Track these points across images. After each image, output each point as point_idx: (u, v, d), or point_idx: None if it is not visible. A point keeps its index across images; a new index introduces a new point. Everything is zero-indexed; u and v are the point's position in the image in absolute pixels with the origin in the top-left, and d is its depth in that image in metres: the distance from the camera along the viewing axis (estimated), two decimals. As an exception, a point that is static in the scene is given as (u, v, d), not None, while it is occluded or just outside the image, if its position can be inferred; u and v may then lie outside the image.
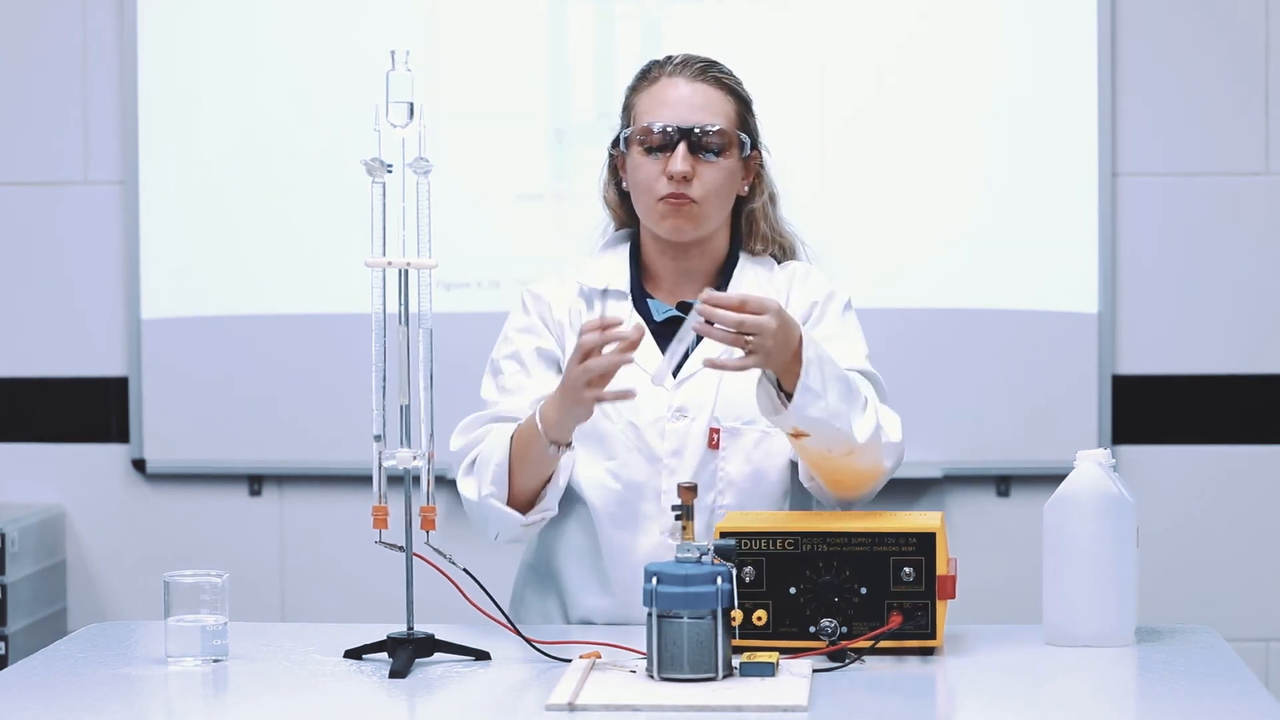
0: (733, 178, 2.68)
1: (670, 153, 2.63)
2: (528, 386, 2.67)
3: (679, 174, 2.62)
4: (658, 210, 2.65)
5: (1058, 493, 2.44)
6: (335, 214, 4.23)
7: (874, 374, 2.69)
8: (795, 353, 2.45)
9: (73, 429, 4.39)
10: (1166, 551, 4.19)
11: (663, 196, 2.63)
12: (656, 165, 2.64)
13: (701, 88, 2.67)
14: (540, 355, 2.70)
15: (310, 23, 4.27)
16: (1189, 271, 4.24)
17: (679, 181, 2.62)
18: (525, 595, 2.76)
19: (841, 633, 2.35)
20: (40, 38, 4.32)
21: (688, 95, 2.66)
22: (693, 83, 2.67)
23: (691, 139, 2.63)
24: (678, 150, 2.62)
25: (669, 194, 2.63)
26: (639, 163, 2.66)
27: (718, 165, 2.65)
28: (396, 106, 2.33)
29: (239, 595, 2.53)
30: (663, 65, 2.70)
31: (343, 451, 4.24)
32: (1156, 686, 2.28)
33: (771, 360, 2.43)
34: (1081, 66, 4.18)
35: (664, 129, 2.63)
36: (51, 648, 2.48)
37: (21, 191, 4.35)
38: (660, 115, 2.65)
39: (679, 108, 2.65)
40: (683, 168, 2.62)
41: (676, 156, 2.62)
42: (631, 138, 2.66)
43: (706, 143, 2.63)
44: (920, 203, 4.21)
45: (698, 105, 2.65)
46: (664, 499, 2.64)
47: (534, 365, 2.70)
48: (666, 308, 2.71)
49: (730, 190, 2.69)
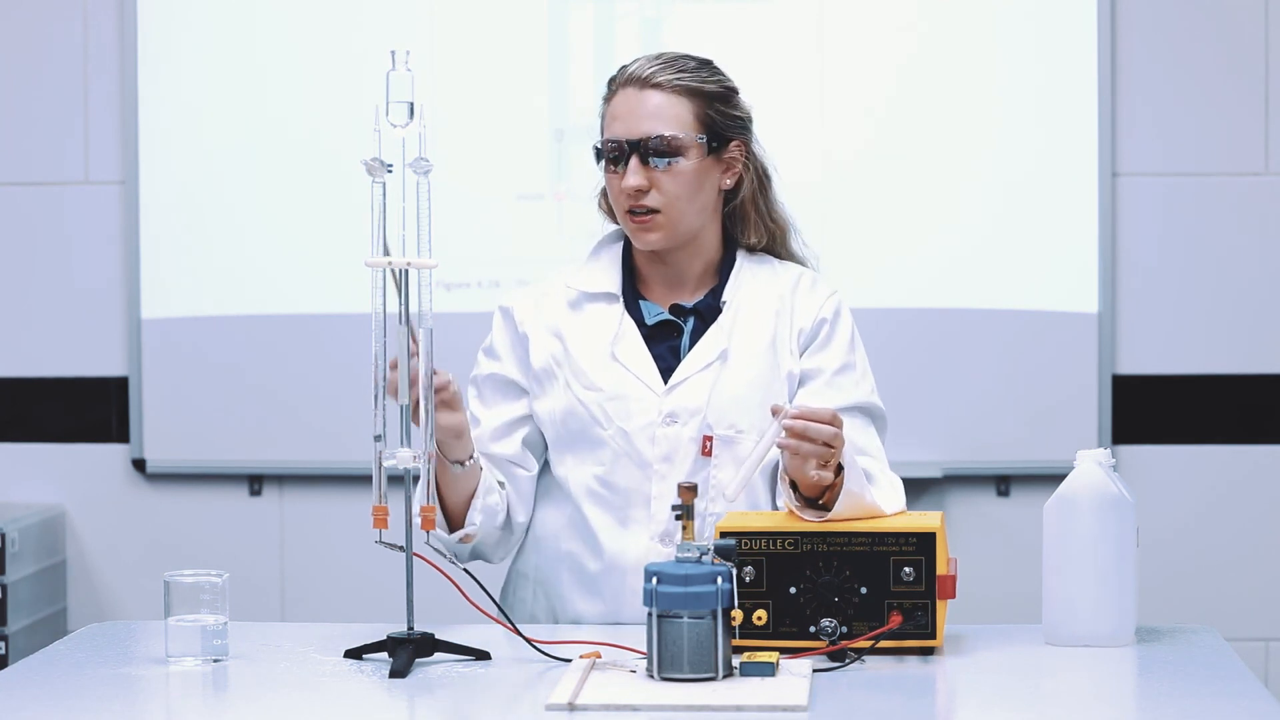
0: (699, 179, 2.66)
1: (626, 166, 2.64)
2: (483, 416, 2.70)
3: (631, 189, 2.62)
4: (627, 224, 2.67)
5: (1058, 493, 2.44)
6: (335, 214, 4.23)
7: (880, 410, 2.70)
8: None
9: (73, 429, 4.39)
10: (1166, 551, 4.19)
11: (627, 210, 2.65)
12: (617, 179, 2.65)
13: (650, 95, 2.64)
14: (494, 383, 2.72)
15: (310, 23, 4.27)
16: (1189, 271, 4.24)
17: (634, 195, 2.63)
18: (513, 600, 2.75)
19: (841, 633, 2.35)
20: (41, 38, 4.32)
21: (634, 106, 2.64)
22: (641, 92, 2.65)
23: (641, 150, 2.63)
24: (630, 164, 2.63)
25: (631, 208, 2.64)
26: (606, 177, 2.68)
27: (674, 171, 2.63)
28: (396, 106, 2.33)
29: (239, 595, 2.53)
30: (620, 74, 2.69)
31: (343, 451, 4.25)
32: (1156, 686, 2.28)
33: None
34: (1081, 66, 4.18)
35: (615, 143, 2.64)
36: (51, 648, 2.48)
37: (22, 191, 4.35)
38: (611, 129, 2.66)
39: (626, 120, 2.64)
40: (634, 182, 2.62)
41: (629, 171, 2.62)
42: (598, 152, 2.68)
43: (658, 151, 2.63)
44: (920, 203, 4.21)
45: (645, 115, 2.63)
46: (654, 504, 2.64)
47: (489, 393, 2.72)
48: (659, 310, 2.70)
49: (698, 191, 2.66)
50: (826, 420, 2.39)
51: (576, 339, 2.68)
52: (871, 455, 2.62)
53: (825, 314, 2.70)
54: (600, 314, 2.70)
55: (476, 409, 2.71)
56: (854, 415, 2.64)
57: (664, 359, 2.67)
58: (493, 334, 2.75)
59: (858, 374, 2.69)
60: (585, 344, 2.68)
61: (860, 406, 2.67)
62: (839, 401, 2.63)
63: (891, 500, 2.51)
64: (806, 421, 2.38)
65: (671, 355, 2.68)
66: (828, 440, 2.39)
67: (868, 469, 2.52)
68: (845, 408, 2.63)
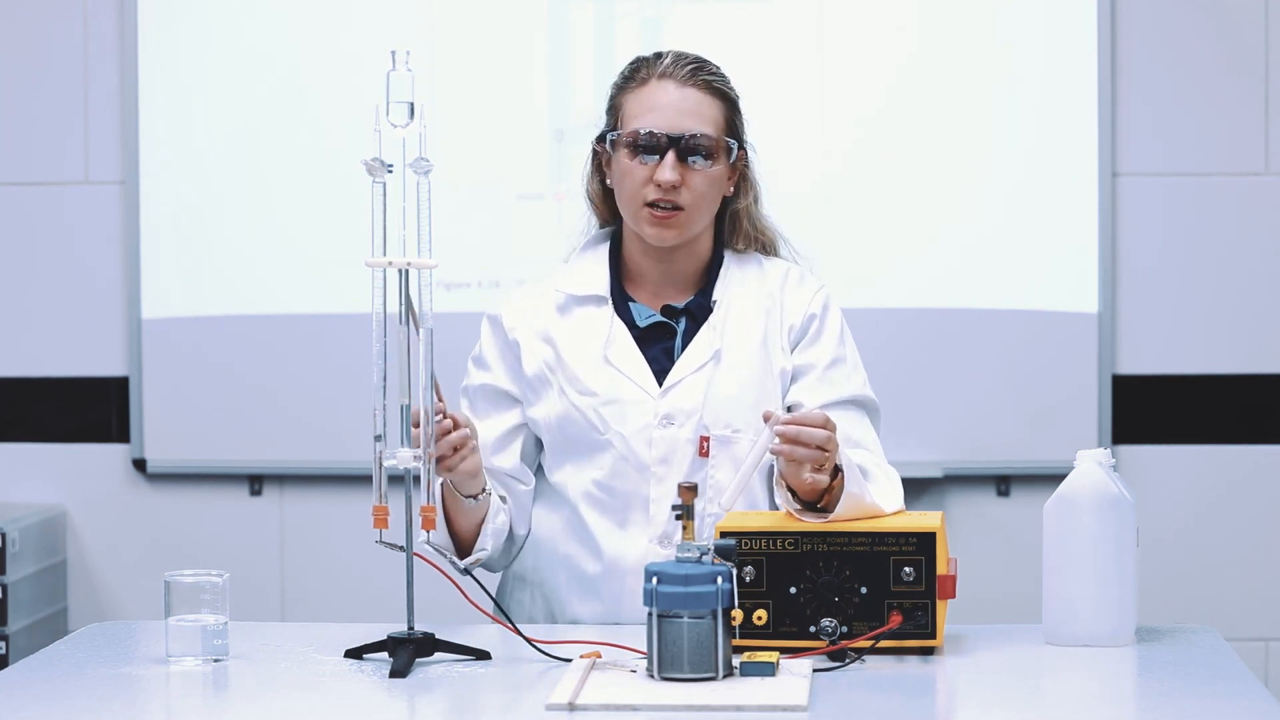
0: (719, 183, 2.66)
1: (657, 158, 2.61)
2: (478, 428, 2.66)
3: (668, 183, 2.59)
4: (643, 215, 2.63)
5: (1058, 493, 2.44)
6: (335, 214, 4.23)
7: (874, 403, 2.70)
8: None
9: (73, 429, 4.39)
10: (1166, 551, 4.19)
11: (649, 202, 2.62)
12: (644, 170, 2.61)
13: (691, 93, 2.63)
14: (485, 394, 2.71)
15: (310, 23, 4.27)
16: (1189, 271, 4.24)
17: (667, 190, 2.61)
18: (510, 602, 2.74)
19: (841, 632, 2.35)
20: (41, 38, 4.32)
21: (677, 100, 2.62)
22: (683, 87, 2.63)
23: (680, 146, 2.60)
24: (667, 158, 2.60)
25: (656, 201, 2.61)
26: (627, 166, 2.63)
27: (706, 172, 2.62)
28: (396, 106, 2.33)
29: (239, 595, 2.53)
30: (652, 65, 2.66)
31: (343, 451, 4.24)
32: (1156, 686, 2.28)
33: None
34: (1081, 67, 4.18)
35: (653, 135, 2.61)
36: (52, 648, 2.48)
37: (22, 191, 4.35)
38: (648, 120, 2.62)
39: (668, 113, 2.61)
40: (672, 177, 2.59)
41: (665, 165, 2.59)
42: (619, 140, 2.64)
43: (696, 150, 2.61)
44: (920, 203, 4.21)
45: (687, 111, 2.62)
46: (652, 507, 2.63)
47: (480, 404, 2.71)
48: (650, 312, 2.69)
49: (716, 195, 2.66)
50: (819, 424, 2.39)
51: (568, 344, 2.67)
52: (868, 448, 2.62)
53: (814, 309, 2.70)
54: (590, 317, 2.68)
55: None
56: (848, 409, 2.64)
57: (658, 361, 2.67)
58: (481, 343, 2.74)
59: (849, 367, 2.69)
60: (577, 349, 2.67)
61: (854, 400, 2.67)
62: (832, 396, 2.63)
63: (891, 497, 2.51)
64: (799, 426, 2.38)
65: (665, 357, 2.67)
66: (821, 444, 2.38)
67: (865, 463, 2.52)
68: (838, 401, 2.63)
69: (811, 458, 2.39)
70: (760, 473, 2.63)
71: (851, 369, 2.69)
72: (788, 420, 2.38)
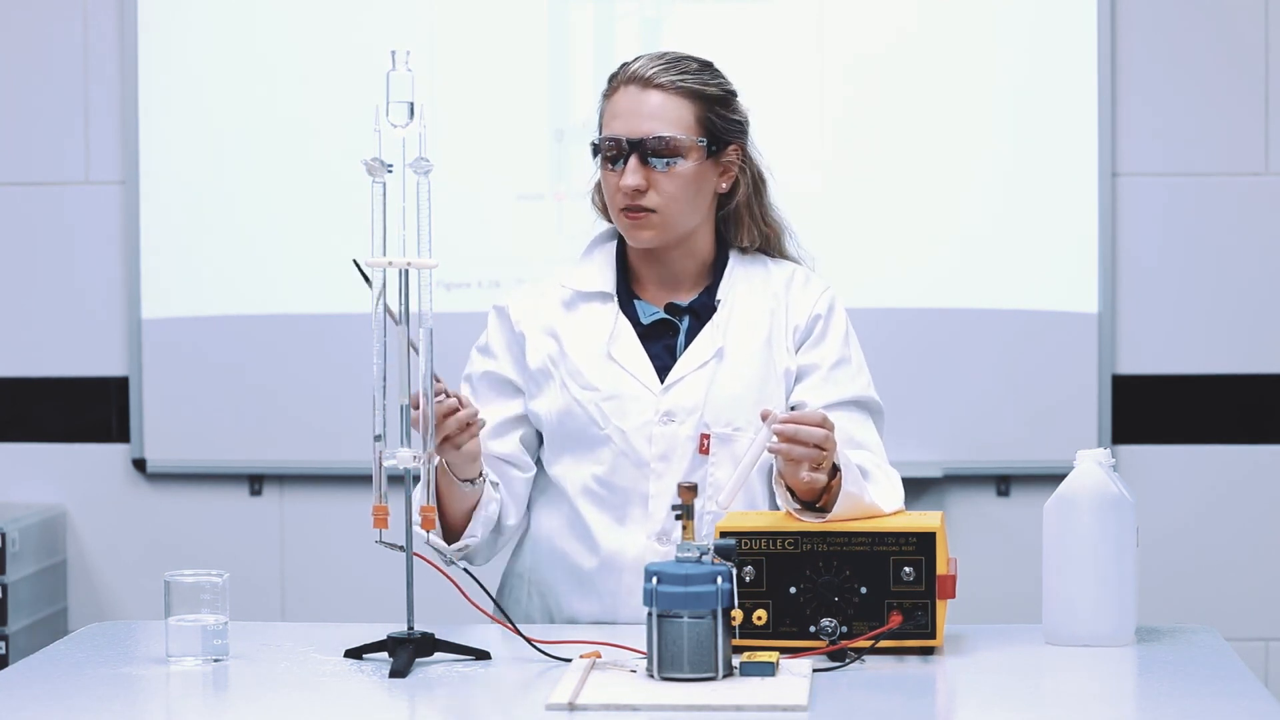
0: (696, 181, 2.65)
1: (623, 163, 2.63)
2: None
3: (629, 188, 2.61)
4: (621, 221, 2.66)
5: (1058, 493, 2.44)
6: (335, 214, 4.23)
7: (878, 404, 2.70)
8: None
9: (73, 429, 4.39)
10: (1166, 551, 4.19)
11: (622, 209, 2.64)
12: (615, 177, 2.64)
13: (654, 95, 2.64)
14: (489, 381, 2.72)
15: (310, 23, 4.27)
16: (1189, 271, 4.24)
17: (632, 195, 2.62)
18: (508, 601, 2.74)
19: (841, 632, 2.35)
20: (41, 38, 4.32)
21: (636, 105, 2.63)
22: (643, 91, 2.64)
23: (641, 150, 2.62)
24: (629, 163, 2.62)
25: (626, 206, 2.63)
26: (603, 174, 2.67)
27: (673, 173, 2.63)
28: (396, 106, 2.33)
29: (239, 595, 2.53)
30: (621, 72, 2.68)
31: (343, 451, 4.25)
32: (1156, 686, 2.28)
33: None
34: (1081, 66, 4.18)
35: (614, 141, 2.63)
36: (52, 648, 2.48)
37: (22, 191, 4.35)
38: (611, 127, 2.65)
39: (628, 119, 2.63)
40: (632, 181, 2.61)
41: (627, 170, 2.62)
42: (596, 148, 2.67)
43: (659, 152, 2.62)
44: (920, 203, 4.21)
45: (646, 114, 2.63)
46: (651, 503, 2.64)
47: (484, 391, 2.71)
48: (654, 309, 2.69)
49: (695, 193, 2.66)
50: (816, 423, 2.39)
51: (572, 339, 2.68)
52: (870, 450, 2.62)
53: (819, 310, 2.70)
54: (595, 313, 2.69)
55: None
56: (851, 410, 2.65)
57: (660, 358, 2.67)
58: (488, 332, 2.75)
59: (853, 368, 2.69)
60: (581, 344, 2.68)
61: (857, 400, 2.67)
62: (835, 396, 2.64)
63: (890, 498, 2.51)
64: (796, 425, 2.38)
65: (667, 354, 2.68)
66: (818, 442, 2.39)
67: (865, 464, 2.52)
68: (842, 402, 2.63)
69: (809, 456, 2.39)
70: (760, 472, 2.63)
71: (856, 370, 2.69)
72: (785, 419, 2.38)
